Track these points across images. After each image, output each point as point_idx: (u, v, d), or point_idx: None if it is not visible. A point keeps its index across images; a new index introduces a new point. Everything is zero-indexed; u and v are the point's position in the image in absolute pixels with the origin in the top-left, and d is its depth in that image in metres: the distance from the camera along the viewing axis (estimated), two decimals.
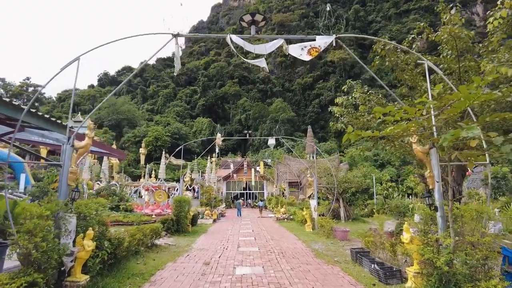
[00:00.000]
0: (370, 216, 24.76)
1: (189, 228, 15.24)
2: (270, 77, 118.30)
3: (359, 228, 16.36)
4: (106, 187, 22.45)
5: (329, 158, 28.96)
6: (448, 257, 4.95)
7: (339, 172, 22.67)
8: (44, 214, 4.83)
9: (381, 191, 25.86)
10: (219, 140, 16.31)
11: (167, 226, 13.56)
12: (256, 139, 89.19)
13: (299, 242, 12.20)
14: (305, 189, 30.28)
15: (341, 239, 12.51)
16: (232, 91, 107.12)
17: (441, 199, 5.92)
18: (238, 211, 28.31)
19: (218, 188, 40.96)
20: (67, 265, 5.32)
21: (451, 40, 8.37)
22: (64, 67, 6.23)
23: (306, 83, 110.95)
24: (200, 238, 13.28)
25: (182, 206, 14.38)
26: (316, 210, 15.43)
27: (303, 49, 6.27)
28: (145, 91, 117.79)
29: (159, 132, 74.99)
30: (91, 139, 6.13)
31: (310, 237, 13.50)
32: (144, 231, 9.72)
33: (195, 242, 12.09)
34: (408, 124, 5.45)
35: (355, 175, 20.92)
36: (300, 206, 24.72)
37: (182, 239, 12.70)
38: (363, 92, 11.08)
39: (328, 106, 13.65)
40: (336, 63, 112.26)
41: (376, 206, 26.23)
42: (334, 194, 20.39)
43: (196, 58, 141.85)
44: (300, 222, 18.71)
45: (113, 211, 20.99)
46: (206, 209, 21.49)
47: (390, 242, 7.83)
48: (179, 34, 6.33)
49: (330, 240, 12.63)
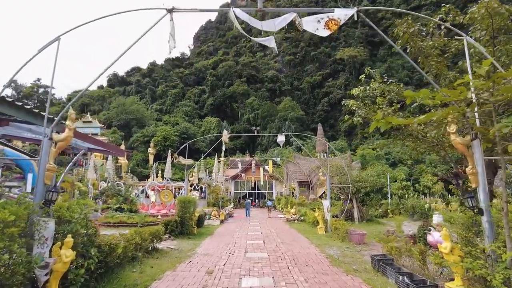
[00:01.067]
0: (384, 217, 23.61)
1: (194, 230, 14.40)
2: (278, 76, 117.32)
3: (374, 230, 15.30)
4: (111, 187, 21.81)
5: (341, 156, 27.84)
6: (507, 274, 3.94)
7: (351, 170, 21.60)
8: (7, 219, 3.98)
9: (396, 191, 24.64)
10: (225, 137, 15.44)
11: (170, 228, 12.75)
12: (264, 138, 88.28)
13: (312, 246, 11.24)
14: (315, 188, 29.24)
15: (358, 243, 11.52)
16: (241, 90, 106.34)
17: (487, 201, 4.91)
18: (246, 211, 27.85)
19: (226, 187, 40.17)
20: (40, 279, 4.48)
21: (486, 17, 7.29)
22: (42, 49, 5.43)
23: (315, 82, 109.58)
24: (205, 241, 12.41)
25: (186, 207, 13.55)
26: (329, 211, 14.44)
27: (320, 22, 5.32)
28: (154, 91, 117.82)
29: (168, 132, 74.74)
30: (72, 131, 5.29)
31: (324, 240, 12.52)
32: (143, 234, 8.90)
33: (200, 246, 11.23)
34: (446, 109, 4.46)
35: (369, 173, 19.80)
36: (311, 207, 23.72)
37: (186, 242, 11.85)
38: (382, 82, 10.03)
39: (338, 104, 12.72)
40: (346, 61, 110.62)
41: (391, 206, 25.06)
42: (348, 194, 19.34)
43: (205, 58, 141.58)
44: (311, 223, 17.72)
45: (117, 212, 20.37)
46: (213, 210, 20.65)
47: (419, 249, 6.81)
48: (174, 8, 5.45)
49: (345, 244, 11.63)
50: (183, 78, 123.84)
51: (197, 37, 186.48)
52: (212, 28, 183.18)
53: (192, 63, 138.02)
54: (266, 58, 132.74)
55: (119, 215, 19.31)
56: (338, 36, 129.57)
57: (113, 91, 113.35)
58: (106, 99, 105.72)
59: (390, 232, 13.90)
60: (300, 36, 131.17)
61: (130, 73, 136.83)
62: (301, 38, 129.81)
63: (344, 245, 11.40)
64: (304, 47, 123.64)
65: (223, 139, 15.49)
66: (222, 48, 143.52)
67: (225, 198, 29.41)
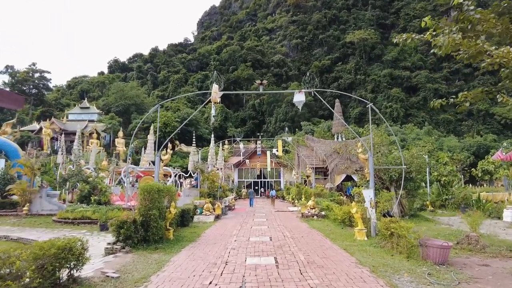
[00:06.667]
0: (422, 211, 18.58)
1: (169, 233, 9.56)
2: (285, 60, 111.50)
3: (428, 232, 10.36)
4: (75, 172, 17.09)
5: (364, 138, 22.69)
6: None
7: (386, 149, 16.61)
8: None
9: (437, 177, 19.50)
10: (215, 94, 10.46)
11: (125, 233, 7.94)
12: (271, 125, 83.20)
13: (364, 272, 6.29)
14: (333, 176, 24.33)
15: (439, 261, 6.62)
16: (245, 75, 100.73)
17: None
18: (250, 201, 25.62)
19: (228, 175, 35.39)
20: None
21: None
22: None
23: (324, 66, 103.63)
24: (178, 258, 7.46)
25: (155, 200, 8.72)
26: (373, 206, 9.49)
27: None
28: (155, 77, 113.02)
29: (169, 118, 70.36)
30: None
31: (374, 255, 7.60)
32: (38, 255, 4.14)
33: (163, 269, 6.37)
34: None
35: (414, 154, 14.74)
36: (331, 198, 18.80)
37: (144, 260, 7.03)
38: None
39: (348, 89, 7.83)
40: (356, 44, 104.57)
41: (430, 197, 20.03)
42: (384, 180, 14.43)
43: (208, 43, 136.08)
44: (338, 221, 12.84)
45: (82, 204, 15.75)
46: (206, 202, 15.82)
47: None
48: None
49: (416, 263, 6.74)
50: (186, 64, 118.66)
51: (200, 23, 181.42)
52: (216, 14, 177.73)
53: (195, 49, 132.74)
54: (272, 42, 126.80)
55: (84, 208, 14.72)
56: (347, 19, 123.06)
57: (113, 77, 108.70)
58: (106, 85, 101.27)
59: (470, 237, 8.99)
60: (307, 19, 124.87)
61: (132, 59, 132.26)
62: (309, 21, 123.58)
63: (416, 266, 6.50)
64: (312, 30, 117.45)
65: (212, 99, 10.52)
66: (226, 32, 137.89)
67: (225, 188, 24.57)
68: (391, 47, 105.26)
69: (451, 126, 72.68)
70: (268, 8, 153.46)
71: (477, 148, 48.30)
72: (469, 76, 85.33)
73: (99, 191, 15.87)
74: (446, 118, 74.46)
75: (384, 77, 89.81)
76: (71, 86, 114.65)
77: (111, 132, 62.73)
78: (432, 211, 18.66)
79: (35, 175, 18.21)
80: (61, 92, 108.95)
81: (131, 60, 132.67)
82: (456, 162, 26.84)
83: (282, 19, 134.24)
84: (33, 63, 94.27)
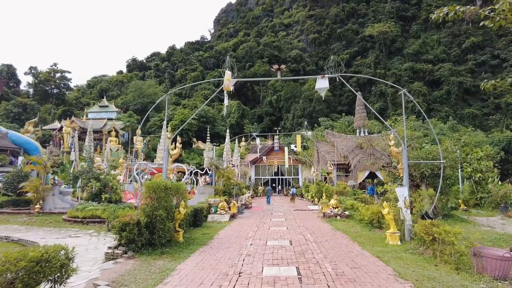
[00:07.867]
0: (455, 210, 17.04)
1: (179, 236, 8.68)
2: (302, 56, 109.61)
3: (472, 235, 9.03)
4: (87, 169, 16.56)
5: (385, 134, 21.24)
6: None
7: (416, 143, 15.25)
8: None
9: (471, 173, 17.86)
10: (228, 82, 9.49)
11: (126, 236, 7.11)
12: (288, 121, 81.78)
13: (404, 286, 5.20)
14: (355, 172, 22.99)
15: (499, 275, 5.43)
16: (262, 71, 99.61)
17: None
18: (267, 199, 25.20)
19: (244, 172, 34.52)
20: None
21: None
22: None
23: (343, 60, 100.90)
24: (184, 266, 6.53)
25: (161, 198, 7.85)
26: (407, 207, 8.31)
27: None
28: (173, 75, 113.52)
29: (186, 115, 70.40)
30: None
31: (410, 263, 6.47)
32: None
33: (164, 282, 5.44)
34: None
35: (448, 148, 13.34)
36: (354, 196, 17.56)
37: (145, 270, 6.15)
38: None
39: (367, 84, 6.61)
40: (376, 38, 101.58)
41: (463, 195, 18.43)
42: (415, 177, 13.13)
43: (225, 40, 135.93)
44: (365, 222, 11.66)
45: (93, 202, 15.18)
46: (221, 200, 14.94)
47: None
48: None
49: (468, 276, 5.58)
50: (203, 61, 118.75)
51: (217, 20, 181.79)
52: (232, 11, 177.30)
53: (212, 46, 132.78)
54: (289, 38, 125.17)
55: (94, 206, 14.12)
56: (366, 12, 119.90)
57: (131, 76, 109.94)
58: (125, 84, 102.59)
59: None
60: (325, 13, 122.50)
61: (150, 58, 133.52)
62: (326, 16, 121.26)
63: (470, 282, 5.33)
64: (329, 25, 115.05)
65: (224, 87, 9.56)
66: (242, 29, 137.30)
67: (241, 185, 23.65)
68: (412, 39, 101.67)
69: (477, 121, 69.08)
70: (284, 3, 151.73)
71: (507, 143, 45.38)
72: (497, 67, 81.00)
73: (110, 189, 15.27)
74: (471, 112, 70.88)
75: (405, 71, 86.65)
76: (91, 85, 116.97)
77: (129, 130, 63.19)
78: (466, 211, 17.12)
79: (47, 172, 17.88)
80: (82, 92, 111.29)
81: (149, 59, 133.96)
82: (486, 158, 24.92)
83: (299, 14, 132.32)
84: (55, 63, 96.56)
